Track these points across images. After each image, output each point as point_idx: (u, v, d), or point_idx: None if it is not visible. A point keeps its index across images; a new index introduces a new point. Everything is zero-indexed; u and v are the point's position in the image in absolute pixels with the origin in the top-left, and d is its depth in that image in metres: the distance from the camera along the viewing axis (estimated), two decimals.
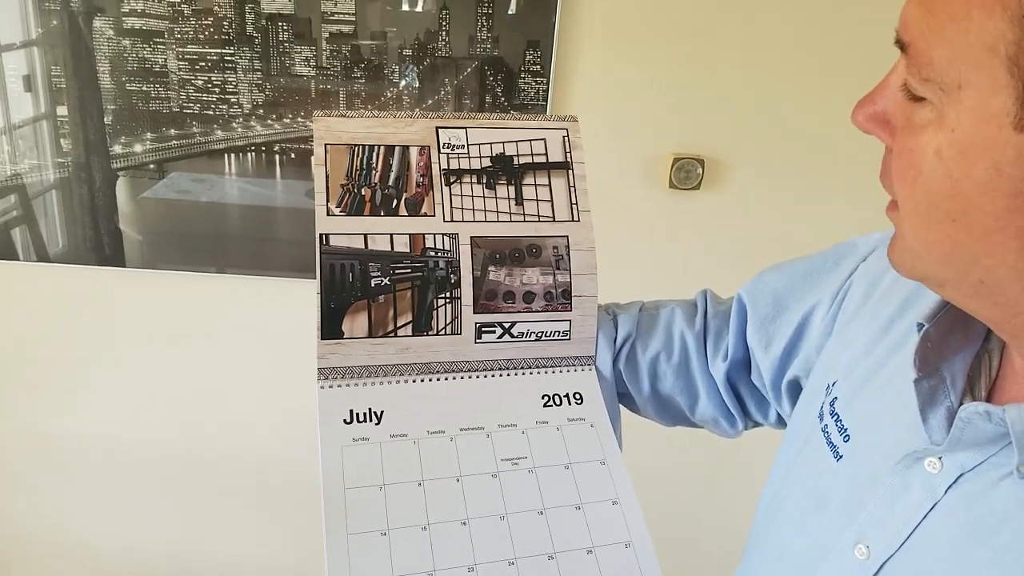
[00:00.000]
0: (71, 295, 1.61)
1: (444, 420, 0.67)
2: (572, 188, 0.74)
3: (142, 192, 1.52)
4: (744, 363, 0.74)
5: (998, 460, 0.45)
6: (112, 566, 1.85)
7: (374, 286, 0.68)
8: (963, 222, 0.42)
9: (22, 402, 1.70)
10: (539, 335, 0.72)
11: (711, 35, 1.44)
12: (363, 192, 0.70)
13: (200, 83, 1.45)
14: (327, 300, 0.67)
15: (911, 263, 0.47)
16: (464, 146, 0.73)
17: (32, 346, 1.66)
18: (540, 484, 0.65)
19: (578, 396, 0.72)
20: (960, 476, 0.46)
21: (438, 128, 0.73)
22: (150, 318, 1.63)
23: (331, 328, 0.67)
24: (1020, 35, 0.37)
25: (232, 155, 1.50)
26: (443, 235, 0.70)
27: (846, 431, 0.56)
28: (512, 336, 0.71)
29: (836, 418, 0.58)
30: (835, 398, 0.59)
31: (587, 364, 0.73)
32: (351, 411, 0.66)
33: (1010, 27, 0.37)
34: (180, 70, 1.44)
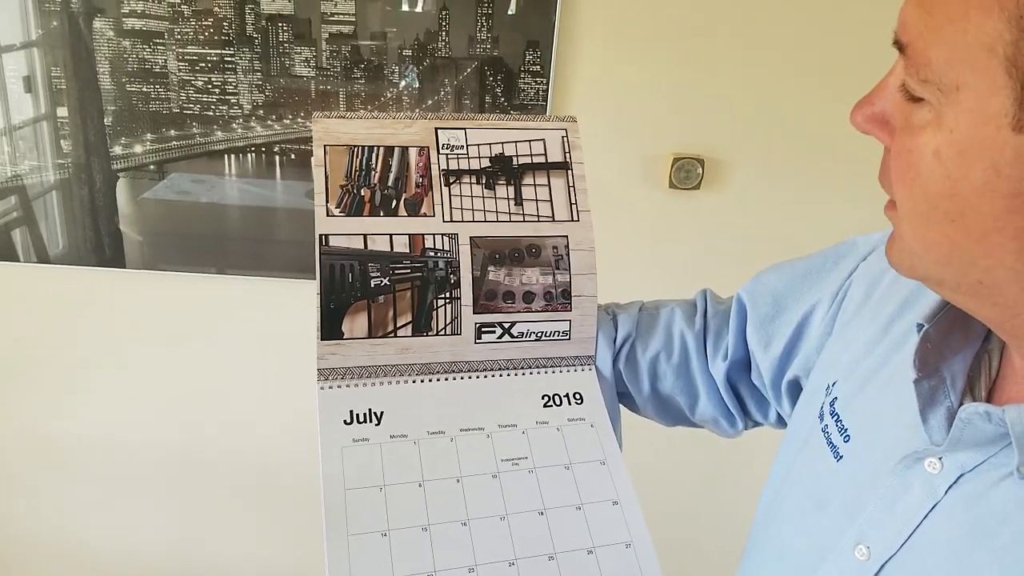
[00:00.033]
0: (71, 296, 1.61)
1: (444, 420, 0.67)
2: (571, 188, 0.74)
3: (142, 193, 1.52)
4: (744, 363, 0.74)
5: (998, 460, 0.45)
6: (112, 567, 1.85)
7: (374, 286, 0.68)
8: (961, 223, 0.42)
9: (22, 403, 1.70)
10: (539, 335, 0.72)
11: (711, 35, 1.44)
12: (362, 193, 0.70)
13: (200, 84, 1.45)
14: (327, 301, 0.67)
15: (909, 263, 0.47)
16: (463, 147, 0.72)
17: (32, 347, 1.66)
18: (540, 484, 0.65)
19: (578, 396, 0.71)
20: (960, 476, 0.46)
21: (437, 129, 0.73)
22: (150, 319, 1.63)
23: (331, 329, 0.67)
24: (1018, 36, 0.37)
25: (232, 156, 1.50)
26: (443, 235, 0.70)
27: (846, 431, 0.56)
28: (512, 336, 0.71)
29: (836, 418, 0.58)
30: (835, 398, 0.59)
31: (587, 364, 0.73)
32: (351, 412, 0.66)
33: (1008, 28, 0.37)
34: (180, 71, 1.44)
